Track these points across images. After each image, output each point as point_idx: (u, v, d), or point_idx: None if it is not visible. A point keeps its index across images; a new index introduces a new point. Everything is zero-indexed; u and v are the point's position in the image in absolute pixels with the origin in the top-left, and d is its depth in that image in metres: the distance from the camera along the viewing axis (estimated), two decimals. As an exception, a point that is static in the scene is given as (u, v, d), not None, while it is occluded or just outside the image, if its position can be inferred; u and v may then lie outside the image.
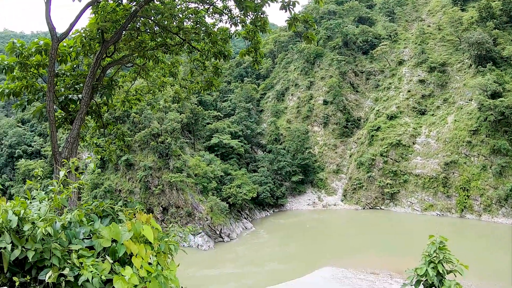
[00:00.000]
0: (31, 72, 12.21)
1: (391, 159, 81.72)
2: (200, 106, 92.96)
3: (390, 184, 79.58)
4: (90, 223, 3.80)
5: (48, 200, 3.70)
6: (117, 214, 4.45)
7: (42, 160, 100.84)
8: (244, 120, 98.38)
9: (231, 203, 73.62)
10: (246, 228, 73.78)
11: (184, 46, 14.70)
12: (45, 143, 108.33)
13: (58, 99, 12.20)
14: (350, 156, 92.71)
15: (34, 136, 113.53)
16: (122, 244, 3.46)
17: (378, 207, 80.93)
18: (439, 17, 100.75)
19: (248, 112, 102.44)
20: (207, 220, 67.38)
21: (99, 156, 15.52)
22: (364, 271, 50.61)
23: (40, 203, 3.79)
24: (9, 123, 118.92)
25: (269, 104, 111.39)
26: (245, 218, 77.81)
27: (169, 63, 15.97)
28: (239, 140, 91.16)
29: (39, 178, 4.47)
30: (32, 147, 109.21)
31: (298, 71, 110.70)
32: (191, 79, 17.12)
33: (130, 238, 3.45)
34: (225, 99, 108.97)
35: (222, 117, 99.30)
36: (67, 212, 3.82)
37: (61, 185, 3.75)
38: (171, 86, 17.82)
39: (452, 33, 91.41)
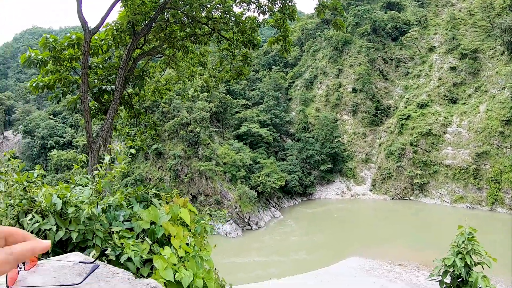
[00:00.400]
0: (64, 66, 12.61)
1: (421, 148, 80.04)
2: (228, 95, 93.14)
3: (419, 174, 77.99)
4: (129, 207, 4.00)
5: (92, 183, 3.90)
6: (151, 201, 4.64)
7: (73, 150, 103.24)
8: (273, 108, 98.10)
9: (259, 191, 73.75)
10: (274, 217, 74.02)
11: (213, 35, 14.84)
12: (76, 134, 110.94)
13: (92, 90, 12.58)
14: (380, 145, 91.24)
15: (65, 127, 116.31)
16: (161, 226, 3.64)
17: (407, 198, 79.60)
18: (470, 1, 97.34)
19: (277, 100, 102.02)
20: (235, 208, 67.94)
21: (139, 142, 15.87)
22: (391, 262, 50.14)
23: (83, 187, 4.00)
24: (41, 116, 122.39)
25: (298, 93, 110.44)
26: (273, 206, 77.98)
27: (198, 53, 16.17)
28: (268, 128, 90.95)
29: (83, 164, 4.72)
30: (64, 138, 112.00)
31: (326, 59, 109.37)
32: (220, 68, 17.29)
33: (168, 221, 3.63)
34: (253, 87, 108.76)
35: (250, 106, 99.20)
36: (108, 197, 4.02)
37: (105, 170, 3.94)
38: (200, 75, 18.04)
39: (483, 19, 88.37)
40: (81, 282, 1.07)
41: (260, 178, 74.84)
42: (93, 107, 13.22)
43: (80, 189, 4.01)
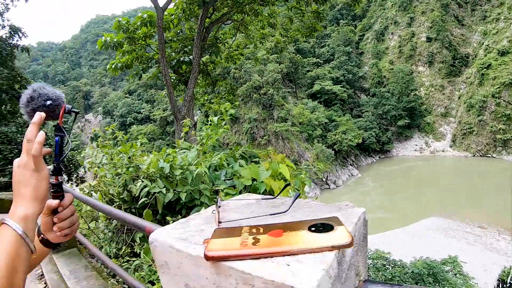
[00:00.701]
0: (139, 44, 13.25)
1: (504, 101, 73.88)
2: (298, 55, 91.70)
3: (502, 129, 72.32)
4: (229, 166, 4.21)
5: (199, 145, 4.15)
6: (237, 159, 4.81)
7: (152, 124, 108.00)
8: (345, 64, 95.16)
9: (336, 149, 73.02)
10: (352, 175, 73.25)
11: (279, -6, 14.64)
12: (152, 108, 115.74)
13: (170, 63, 13.09)
14: (459, 97, 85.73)
15: (141, 103, 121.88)
16: (262, 182, 3.81)
17: (489, 155, 74.47)
18: None
19: (348, 55, 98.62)
20: (313, 168, 68.03)
21: (217, 107, 16.36)
22: (471, 224, 47.89)
23: (188, 150, 4.26)
24: (118, 96, 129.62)
25: (369, 46, 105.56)
26: (350, 164, 76.96)
27: (266, 14, 16.09)
28: (341, 85, 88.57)
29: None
30: (141, 113, 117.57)
31: (395, 8, 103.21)
32: (290, 27, 17.17)
33: (269, 177, 3.78)
34: (322, 44, 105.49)
35: (321, 63, 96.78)
36: (210, 158, 4.26)
37: (210, 131, 4.17)
38: (271, 36, 18.01)
39: None
40: (288, 209, 1.12)
41: (336, 136, 73.93)
42: (172, 79, 13.77)
43: (183, 152, 4.28)
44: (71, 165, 29.83)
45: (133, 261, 4.09)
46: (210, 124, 4.51)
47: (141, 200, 4.00)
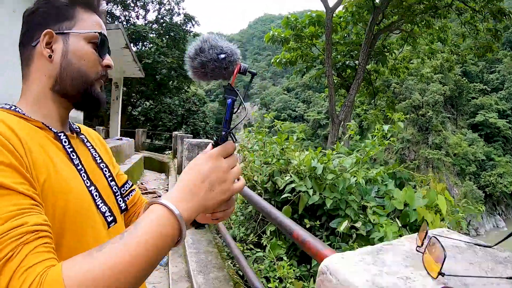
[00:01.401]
0: (305, 43, 13.51)
1: None
2: (464, 78, 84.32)
3: None
4: (383, 183, 3.96)
5: (358, 152, 4.00)
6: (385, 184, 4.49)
7: (304, 124, 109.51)
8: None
9: (487, 193, 65.08)
10: (497, 227, 63.65)
11: (453, 7, 13.62)
12: (307, 109, 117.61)
13: (335, 65, 13.12)
14: None
15: (298, 102, 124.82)
16: (414, 210, 3.45)
17: None
18: None
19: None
20: (473, 208, 61.73)
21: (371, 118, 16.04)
22: None
23: (345, 156, 4.14)
24: (276, 91, 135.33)
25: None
26: (499, 214, 67.18)
27: (437, 28, 15.14)
28: (507, 120, 79.18)
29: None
30: (296, 111, 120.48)
31: None
32: (461, 45, 16.01)
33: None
34: (492, 70, 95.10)
35: (488, 92, 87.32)
36: (369, 169, 4.08)
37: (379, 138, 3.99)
38: (441, 52, 16.93)
39: None
40: (495, 245, 1.01)
41: (491, 177, 65.54)
42: (334, 82, 13.82)
43: (339, 157, 4.15)
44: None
45: (256, 251, 4.09)
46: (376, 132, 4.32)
47: (285, 195, 3.95)
